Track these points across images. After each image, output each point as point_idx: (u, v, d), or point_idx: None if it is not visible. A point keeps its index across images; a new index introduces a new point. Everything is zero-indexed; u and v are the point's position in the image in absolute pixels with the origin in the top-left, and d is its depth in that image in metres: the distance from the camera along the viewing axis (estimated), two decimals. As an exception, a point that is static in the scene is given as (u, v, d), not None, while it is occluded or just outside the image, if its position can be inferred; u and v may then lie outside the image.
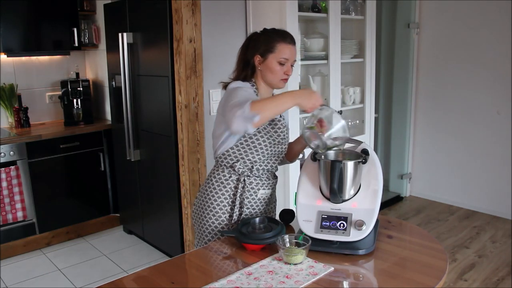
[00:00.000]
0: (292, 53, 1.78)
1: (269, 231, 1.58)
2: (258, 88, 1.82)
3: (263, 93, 1.83)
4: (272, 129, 1.79)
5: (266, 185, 1.86)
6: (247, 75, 1.81)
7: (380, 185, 1.57)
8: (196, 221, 1.89)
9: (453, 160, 4.29)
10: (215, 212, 1.82)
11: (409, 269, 1.44)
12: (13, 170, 3.37)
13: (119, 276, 2.58)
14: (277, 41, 1.75)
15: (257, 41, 1.79)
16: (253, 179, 1.81)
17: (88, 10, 3.99)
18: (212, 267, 1.51)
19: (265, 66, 1.77)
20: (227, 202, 1.81)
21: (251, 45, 1.80)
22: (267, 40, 1.76)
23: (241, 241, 1.58)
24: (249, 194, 1.81)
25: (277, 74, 1.77)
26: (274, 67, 1.76)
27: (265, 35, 1.79)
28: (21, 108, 3.73)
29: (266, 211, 1.92)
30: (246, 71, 1.81)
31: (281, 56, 1.75)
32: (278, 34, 1.78)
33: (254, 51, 1.78)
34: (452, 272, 3.09)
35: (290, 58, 1.77)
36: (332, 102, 3.29)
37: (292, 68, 1.81)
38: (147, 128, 3.34)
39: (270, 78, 1.79)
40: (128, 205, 3.83)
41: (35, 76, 3.96)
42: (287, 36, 1.79)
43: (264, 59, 1.77)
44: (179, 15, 2.76)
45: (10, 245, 3.47)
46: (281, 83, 1.80)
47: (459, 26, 4.06)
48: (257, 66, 1.79)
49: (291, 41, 1.78)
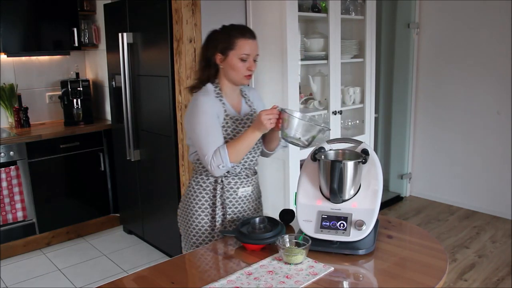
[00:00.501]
0: (252, 48, 1.75)
1: (269, 231, 1.58)
2: (222, 88, 1.80)
3: (228, 93, 1.81)
4: (243, 128, 1.79)
5: (246, 182, 1.85)
6: (210, 75, 1.79)
7: (380, 185, 1.57)
8: (182, 227, 1.90)
9: (453, 160, 4.29)
10: (197, 215, 1.82)
11: (409, 269, 1.44)
12: (13, 170, 3.37)
13: (119, 276, 2.57)
14: (236, 37, 1.72)
15: (216, 39, 1.76)
16: (231, 178, 1.81)
17: (88, 10, 3.99)
18: (212, 267, 1.51)
19: (227, 63, 1.75)
20: (208, 204, 1.81)
21: (210, 44, 1.77)
22: (226, 37, 1.73)
23: (241, 241, 1.58)
24: (229, 194, 1.81)
25: (239, 70, 1.74)
26: (235, 64, 1.73)
27: (224, 33, 1.76)
28: (21, 108, 3.73)
29: (252, 209, 1.91)
30: (208, 71, 1.79)
31: (241, 52, 1.72)
32: (237, 30, 1.75)
33: (214, 50, 1.75)
34: (452, 272, 3.09)
35: (251, 53, 1.74)
36: (332, 102, 3.29)
37: (256, 63, 1.78)
38: (147, 128, 3.34)
39: (233, 75, 1.76)
40: (128, 205, 3.82)
41: (35, 76, 3.96)
42: (246, 31, 1.76)
43: (225, 57, 1.74)
44: (179, 15, 2.76)
45: (10, 245, 3.47)
46: (244, 79, 1.78)
47: (459, 26, 4.06)
48: (219, 65, 1.77)
49: (250, 35, 1.75)
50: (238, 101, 1.85)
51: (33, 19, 3.65)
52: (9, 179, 3.35)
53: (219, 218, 1.81)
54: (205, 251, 1.63)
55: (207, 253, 1.61)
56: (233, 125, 1.77)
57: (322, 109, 3.29)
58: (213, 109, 1.73)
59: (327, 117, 3.34)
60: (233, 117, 1.78)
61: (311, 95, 3.44)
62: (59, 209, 3.67)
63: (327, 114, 3.33)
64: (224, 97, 1.79)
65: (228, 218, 1.83)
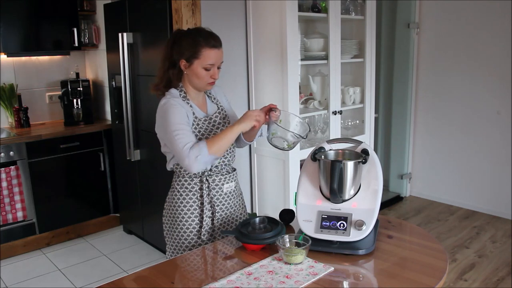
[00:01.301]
0: (217, 57, 1.75)
1: (269, 231, 1.58)
2: (187, 92, 1.81)
3: (193, 96, 1.82)
4: (213, 126, 1.81)
5: (229, 178, 1.87)
6: (173, 77, 1.79)
7: (380, 185, 1.57)
8: (169, 233, 1.88)
9: (453, 160, 4.29)
10: (186, 217, 1.82)
11: (409, 269, 1.44)
12: (13, 170, 3.37)
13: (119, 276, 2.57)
14: (201, 45, 1.71)
15: (181, 45, 1.74)
16: (215, 176, 1.83)
17: (88, 10, 3.99)
18: (212, 267, 1.51)
19: (191, 71, 1.75)
20: (196, 205, 1.82)
21: (176, 48, 1.76)
22: (192, 44, 1.72)
23: (242, 241, 1.58)
24: (215, 191, 1.82)
25: (203, 79, 1.76)
26: (199, 72, 1.74)
27: (190, 38, 1.74)
28: (21, 108, 3.73)
29: (238, 204, 1.94)
30: (172, 72, 1.79)
31: (206, 62, 1.72)
32: (203, 37, 1.73)
33: (179, 56, 1.75)
34: (452, 272, 3.09)
35: (215, 62, 1.75)
36: (332, 102, 3.29)
37: (219, 70, 1.79)
38: (147, 128, 3.34)
39: (196, 82, 1.77)
40: (128, 205, 3.82)
41: (35, 76, 3.96)
42: (211, 39, 1.74)
43: (189, 64, 1.74)
44: (179, 15, 2.76)
45: (10, 245, 3.47)
46: (208, 86, 1.79)
47: (459, 26, 4.06)
48: (183, 70, 1.77)
49: (215, 43, 1.74)
50: (203, 101, 1.87)
51: (33, 19, 3.65)
52: (9, 179, 3.35)
53: (207, 218, 1.82)
54: (205, 251, 1.63)
55: (207, 253, 1.62)
56: (204, 125, 1.79)
57: (322, 109, 3.30)
58: (182, 109, 1.73)
59: (327, 117, 3.34)
60: (202, 118, 1.80)
61: (311, 95, 3.45)
62: (59, 209, 3.67)
63: (327, 114, 3.33)
64: (190, 100, 1.80)
65: (217, 216, 1.84)
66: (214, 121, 1.83)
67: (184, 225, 1.82)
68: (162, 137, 1.79)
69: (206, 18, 2.88)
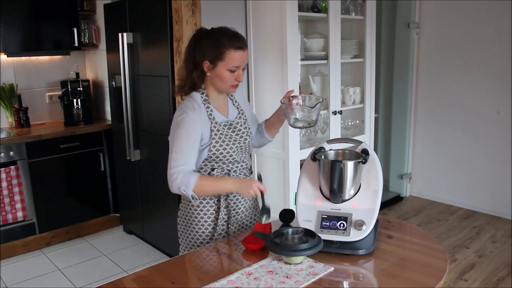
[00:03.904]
0: (242, 59, 1.68)
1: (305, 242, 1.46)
2: (209, 94, 1.75)
3: (215, 98, 1.77)
4: (233, 132, 1.77)
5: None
6: (197, 80, 1.74)
7: (380, 185, 1.57)
8: (183, 234, 1.88)
9: (453, 160, 4.29)
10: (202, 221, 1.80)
11: (409, 269, 1.44)
12: (13, 170, 3.37)
13: (119, 276, 2.57)
14: (225, 47, 1.65)
15: (204, 46, 1.68)
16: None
17: (88, 10, 3.98)
18: (212, 267, 1.51)
19: (215, 73, 1.69)
20: (213, 209, 1.80)
21: (199, 49, 1.70)
22: (215, 45, 1.65)
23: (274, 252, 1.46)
24: (232, 195, 1.80)
25: (227, 81, 1.69)
26: (224, 75, 1.68)
27: (213, 39, 1.67)
28: (21, 108, 3.73)
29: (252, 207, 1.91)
30: (196, 74, 1.73)
31: (231, 64, 1.66)
32: (227, 38, 1.66)
33: (202, 57, 1.69)
34: (452, 272, 3.09)
35: (240, 65, 1.68)
36: (332, 102, 3.29)
37: (243, 72, 1.73)
38: (147, 128, 3.34)
39: (219, 84, 1.72)
40: (128, 205, 3.82)
41: (35, 76, 3.96)
42: (236, 40, 1.67)
43: (213, 66, 1.68)
44: (179, 15, 2.76)
45: (10, 245, 3.47)
46: (231, 89, 1.74)
47: (459, 26, 4.06)
48: (206, 72, 1.71)
49: (240, 45, 1.67)
50: (224, 105, 1.82)
51: (33, 19, 3.65)
52: (9, 179, 3.35)
53: (222, 221, 1.80)
54: (205, 251, 1.63)
55: (207, 253, 1.62)
56: (224, 130, 1.74)
57: (322, 109, 3.29)
58: (197, 129, 1.68)
59: (327, 117, 3.35)
60: (222, 122, 1.75)
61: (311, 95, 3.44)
62: (59, 209, 3.67)
63: (327, 114, 3.33)
64: (211, 104, 1.75)
65: (233, 219, 1.82)
66: (235, 127, 1.78)
67: (199, 227, 1.80)
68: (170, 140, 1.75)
69: (206, 18, 2.88)
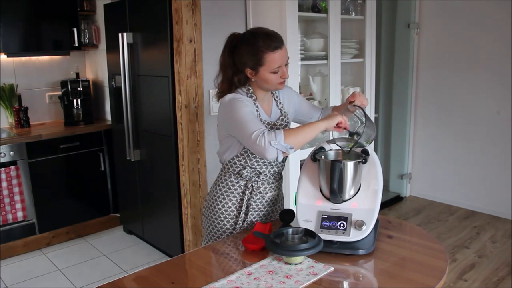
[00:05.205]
0: (282, 58, 1.66)
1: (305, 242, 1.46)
2: (255, 92, 1.74)
3: (261, 97, 1.76)
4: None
5: (273, 187, 1.86)
6: (240, 83, 1.72)
7: (380, 185, 1.57)
8: (205, 224, 1.89)
9: (453, 160, 4.29)
10: (222, 216, 1.81)
11: (409, 269, 1.44)
12: (13, 170, 3.37)
13: (119, 276, 2.57)
14: (263, 52, 1.62)
15: (242, 54, 1.66)
16: (261, 183, 1.81)
17: (88, 10, 3.98)
18: (212, 267, 1.51)
19: (259, 77, 1.68)
20: (234, 207, 1.80)
21: (237, 57, 1.68)
22: (253, 52, 1.64)
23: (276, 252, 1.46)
24: (256, 198, 1.81)
25: (273, 82, 1.69)
26: (268, 77, 1.67)
27: (248, 45, 1.65)
28: (21, 108, 3.73)
29: (275, 211, 1.91)
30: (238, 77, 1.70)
31: (272, 66, 1.65)
32: (262, 41, 1.63)
33: (243, 66, 1.67)
34: (452, 272, 3.09)
35: (282, 63, 1.67)
36: (332, 102, 3.29)
37: (287, 67, 1.72)
38: (147, 128, 3.34)
39: (266, 86, 1.71)
40: (128, 205, 3.82)
41: (35, 76, 3.96)
42: (272, 41, 1.64)
43: (256, 72, 1.67)
44: (179, 15, 2.76)
45: (10, 245, 3.47)
46: (279, 86, 1.73)
47: (459, 26, 4.06)
48: (251, 78, 1.70)
49: (277, 44, 1.64)
50: (269, 104, 1.81)
51: (33, 19, 3.65)
52: (9, 179, 3.35)
53: (240, 222, 1.81)
54: (205, 251, 1.63)
55: (207, 253, 1.62)
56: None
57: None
58: (250, 104, 1.68)
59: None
60: (265, 121, 1.75)
61: (311, 95, 3.44)
62: (59, 209, 3.67)
63: (327, 114, 3.32)
64: (257, 101, 1.74)
65: (250, 217, 1.81)
66: (277, 128, 1.77)
67: (220, 221, 1.82)
68: (227, 127, 1.71)
69: (206, 18, 2.88)
